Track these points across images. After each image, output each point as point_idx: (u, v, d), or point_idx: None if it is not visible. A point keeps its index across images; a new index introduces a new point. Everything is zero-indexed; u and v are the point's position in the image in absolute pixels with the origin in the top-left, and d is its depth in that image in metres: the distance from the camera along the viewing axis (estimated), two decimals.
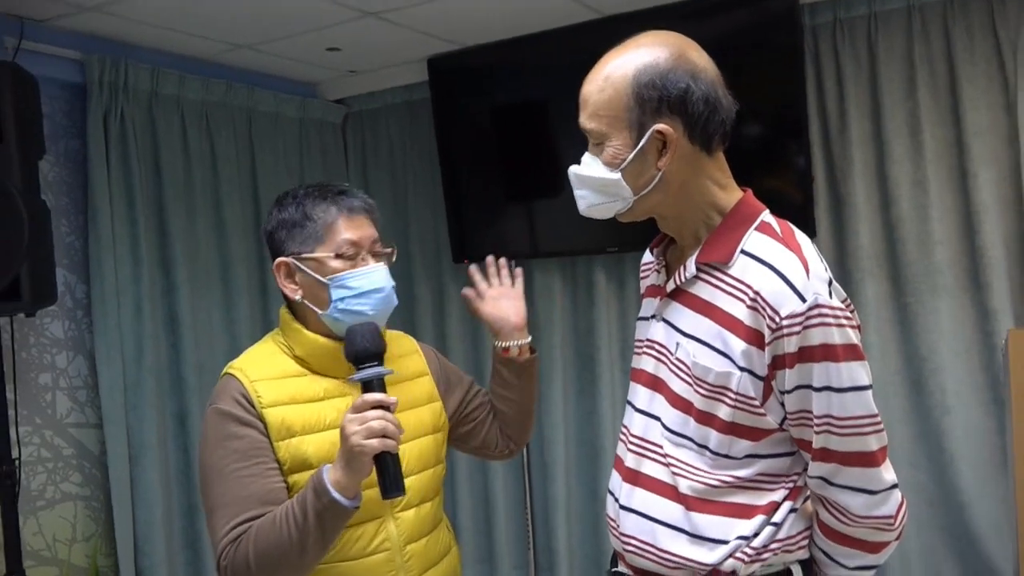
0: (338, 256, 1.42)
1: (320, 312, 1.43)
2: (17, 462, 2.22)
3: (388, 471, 1.28)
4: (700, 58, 1.21)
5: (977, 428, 2.45)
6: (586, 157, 1.25)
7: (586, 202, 1.27)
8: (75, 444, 2.54)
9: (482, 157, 3.13)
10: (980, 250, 2.40)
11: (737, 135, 1.25)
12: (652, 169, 1.20)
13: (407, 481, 1.41)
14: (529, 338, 1.66)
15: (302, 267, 1.43)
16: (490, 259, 1.70)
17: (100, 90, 2.54)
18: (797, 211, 2.52)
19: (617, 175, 1.20)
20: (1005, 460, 2.37)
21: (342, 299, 1.41)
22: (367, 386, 1.31)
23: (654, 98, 1.17)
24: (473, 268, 1.68)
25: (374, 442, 1.25)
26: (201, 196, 2.84)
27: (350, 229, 1.43)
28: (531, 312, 3.13)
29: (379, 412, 1.27)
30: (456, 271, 3.29)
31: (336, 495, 1.26)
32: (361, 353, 1.32)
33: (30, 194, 2.13)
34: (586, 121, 1.22)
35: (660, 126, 1.17)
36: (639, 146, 1.18)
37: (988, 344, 2.42)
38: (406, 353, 1.58)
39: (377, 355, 1.33)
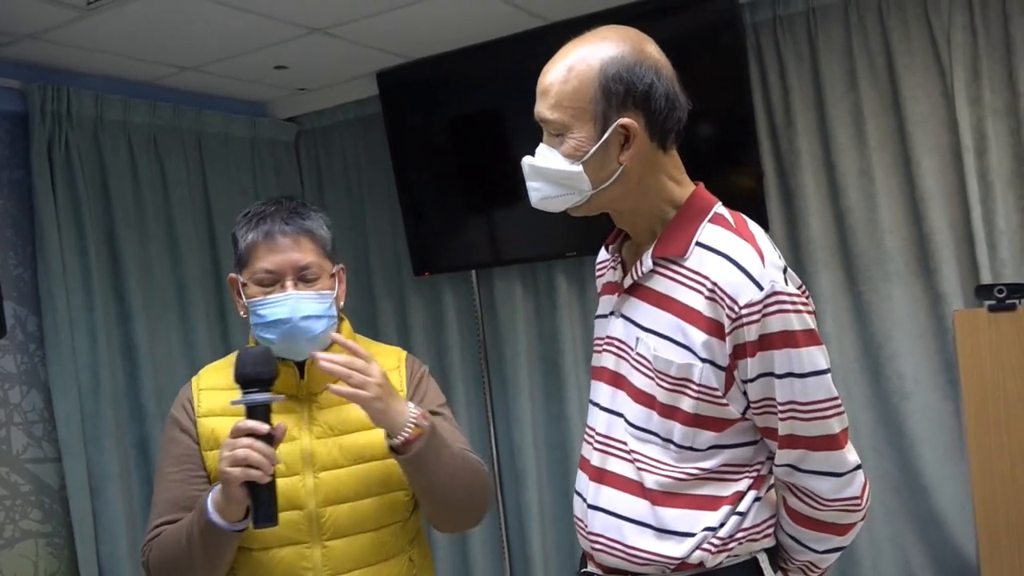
0: (257, 283, 1.40)
1: (253, 332, 1.44)
2: None
3: (260, 500, 1.26)
4: (659, 54, 1.22)
5: (936, 412, 2.49)
6: (542, 148, 1.24)
7: (540, 194, 1.25)
8: (33, 480, 2.48)
9: (437, 168, 3.13)
10: (927, 236, 2.45)
11: (687, 133, 1.26)
12: (614, 163, 1.20)
13: (341, 509, 1.40)
14: (397, 436, 1.33)
15: (239, 287, 1.44)
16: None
17: (43, 119, 2.49)
18: (749, 205, 2.53)
19: (579, 167, 1.20)
20: (963, 443, 2.41)
21: (256, 325, 1.40)
22: (250, 412, 1.28)
23: (620, 92, 1.17)
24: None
25: (236, 471, 1.23)
26: (153, 221, 2.80)
27: (267, 255, 1.39)
28: (494, 320, 3.17)
29: (247, 440, 1.24)
30: (417, 284, 3.28)
31: (213, 516, 1.27)
32: (242, 378, 1.29)
33: None
34: (547, 111, 1.21)
35: (625, 120, 1.18)
36: (603, 139, 1.18)
37: (941, 328, 2.46)
38: (385, 370, 1.53)
39: (261, 381, 1.28)
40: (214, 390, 1.45)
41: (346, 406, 1.44)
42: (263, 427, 1.26)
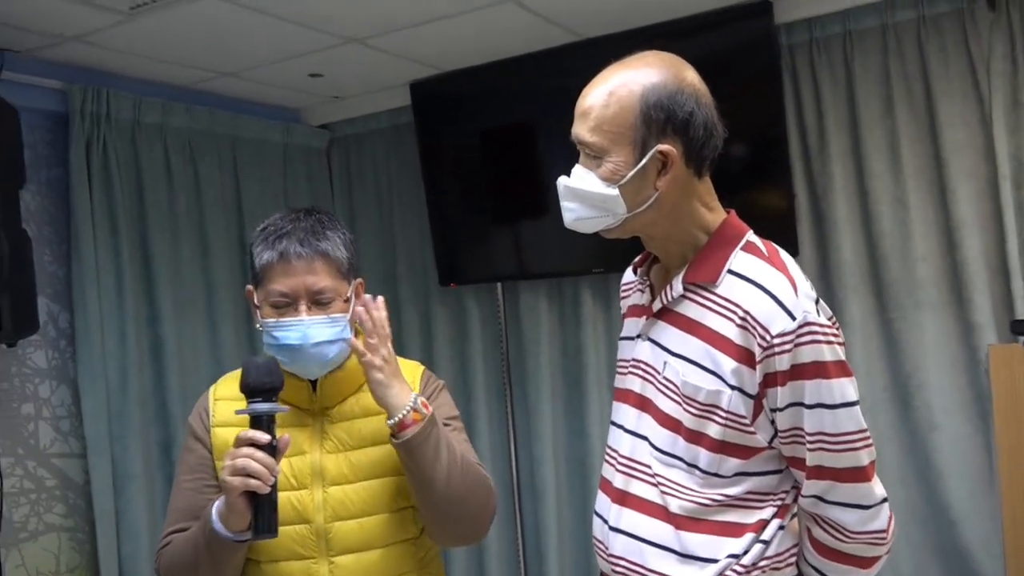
0: (271, 305, 1.37)
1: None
2: None
3: (260, 510, 1.25)
4: (699, 82, 1.22)
5: (965, 444, 2.44)
6: (578, 170, 1.24)
7: (574, 215, 1.25)
8: (58, 475, 2.52)
9: (467, 180, 3.14)
10: (961, 265, 2.42)
11: (719, 154, 1.26)
12: (650, 188, 1.20)
13: (348, 525, 1.39)
14: (394, 415, 1.34)
15: (255, 302, 1.43)
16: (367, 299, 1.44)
17: (82, 119, 2.54)
18: (780, 228, 2.53)
19: (615, 191, 1.20)
20: (992, 476, 2.37)
21: (267, 345, 1.39)
22: (255, 422, 1.27)
23: (661, 119, 1.18)
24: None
25: (235, 480, 1.22)
26: (185, 223, 2.84)
27: (281, 278, 1.36)
28: (518, 333, 3.16)
29: (248, 450, 1.23)
30: (443, 294, 3.29)
31: (217, 525, 1.27)
32: (246, 387, 1.27)
33: (10, 224, 2.13)
34: (586, 134, 1.21)
35: (663, 147, 1.18)
36: (640, 164, 1.19)
37: (973, 359, 2.42)
38: None
39: (265, 391, 1.27)
40: (229, 400, 1.44)
41: (358, 421, 1.43)
42: (264, 437, 1.24)
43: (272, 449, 1.25)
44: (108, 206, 2.60)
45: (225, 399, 1.45)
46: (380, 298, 1.40)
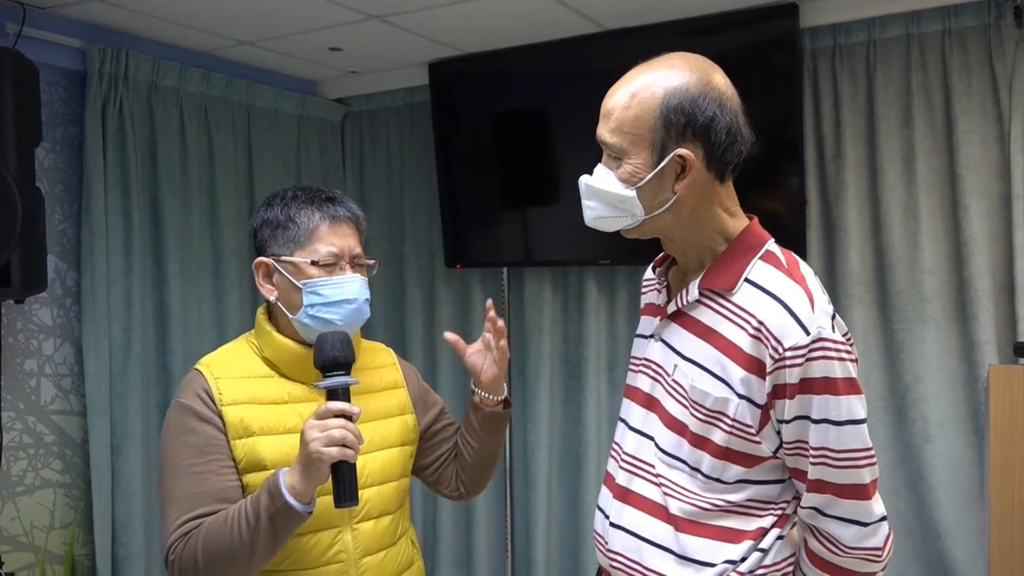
0: (315, 263, 1.41)
1: (291, 315, 1.43)
2: None
3: (344, 480, 1.28)
4: (726, 86, 1.22)
5: (957, 459, 2.46)
6: (600, 169, 1.25)
7: (594, 213, 1.27)
8: (58, 431, 2.54)
9: (479, 163, 3.14)
10: (968, 281, 2.42)
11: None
12: (668, 191, 1.21)
13: (368, 493, 1.43)
14: (502, 394, 1.58)
15: (280, 269, 1.43)
16: (489, 303, 1.56)
17: (100, 79, 2.54)
18: (790, 233, 2.53)
19: (632, 193, 1.21)
20: (982, 492, 2.38)
21: (312, 305, 1.41)
22: (332, 394, 1.31)
23: (681, 123, 1.17)
24: (489, 303, 1.56)
25: (333, 450, 1.25)
26: (196, 189, 2.84)
27: (331, 238, 1.43)
28: (521, 319, 3.17)
29: (341, 421, 1.27)
30: (448, 276, 3.29)
31: (290, 499, 1.26)
32: (329, 361, 1.32)
33: (25, 181, 2.13)
34: (607, 135, 1.22)
35: (682, 151, 1.18)
36: (659, 167, 1.19)
37: (972, 375, 2.43)
38: (382, 365, 1.59)
39: (345, 364, 1.32)
40: (232, 378, 1.42)
41: (369, 395, 1.49)
42: (355, 408, 1.29)
43: (350, 420, 1.29)
44: (121, 167, 2.60)
45: (229, 377, 1.43)
46: (489, 300, 1.57)
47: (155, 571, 2.64)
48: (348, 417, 1.28)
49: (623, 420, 1.36)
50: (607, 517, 1.31)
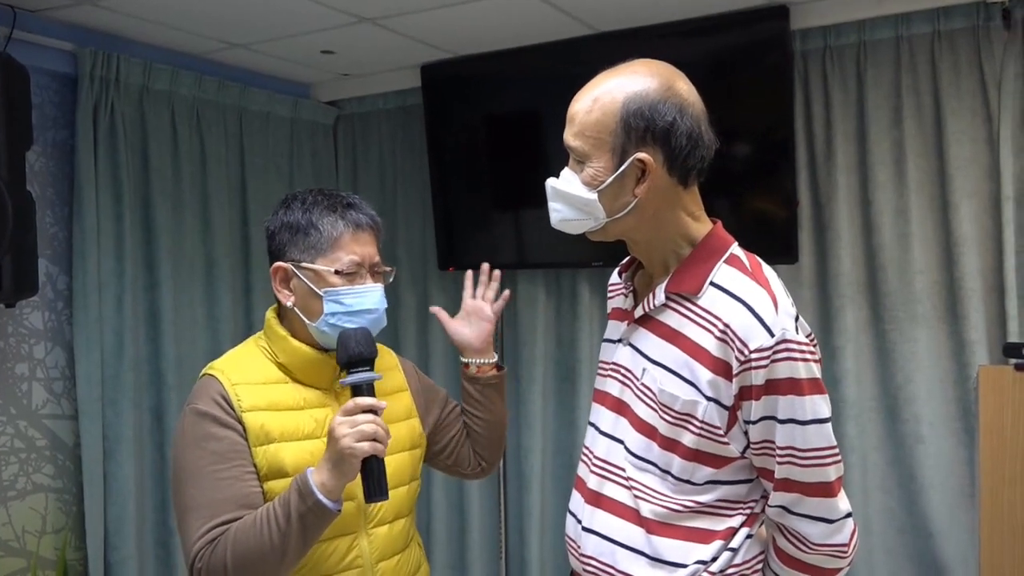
0: (338, 272, 1.41)
1: (309, 323, 1.42)
2: None
3: (373, 475, 1.28)
4: (689, 92, 1.23)
5: (948, 458, 2.47)
6: (565, 172, 1.28)
7: (559, 215, 1.30)
8: (49, 435, 2.53)
9: (472, 166, 3.14)
10: (958, 281, 2.43)
11: (725, 155, 1.27)
12: (628, 195, 1.22)
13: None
14: (494, 358, 1.65)
15: (300, 275, 1.42)
16: (484, 267, 1.69)
17: (91, 82, 2.53)
18: (781, 234, 2.54)
19: (593, 196, 1.23)
20: (973, 492, 2.39)
21: (334, 314, 1.40)
22: (357, 390, 1.31)
23: (640, 127, 1.19)
24: (468, 274, 1.68)
25: (365, 445, 1.25)
26: (188, 193, 2.84)
27: (354, 246, 1.42)
28: (514, 322, 3.18)
29: (369, 416, 1.27)
30: (441, 278, 3.29)
31: (321, 497, 1.26)
32: (354, 357, 1.32)
33: (16, 184, 2.13)
34: (571, 139, 1.25)
35: (641, 155, 1.20)
36: (619, 171, 1.21)
37: (962, 375, 2.44)
38: (387, 368, 1.57)
39: (369, 360, 1.33)
40: (249, 384, 1.40)
41: (380, 398, 1.45)
42: (381, 404, 1.30)
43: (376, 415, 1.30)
44: (112, 171, 2.59)
45: (246, 383, 1.40)
46: (485, 265, 1.67)
47: None
48: (376, 412, 1.29)
49: (593, 424, 1.37)
50: (579, 521, 1.32)
